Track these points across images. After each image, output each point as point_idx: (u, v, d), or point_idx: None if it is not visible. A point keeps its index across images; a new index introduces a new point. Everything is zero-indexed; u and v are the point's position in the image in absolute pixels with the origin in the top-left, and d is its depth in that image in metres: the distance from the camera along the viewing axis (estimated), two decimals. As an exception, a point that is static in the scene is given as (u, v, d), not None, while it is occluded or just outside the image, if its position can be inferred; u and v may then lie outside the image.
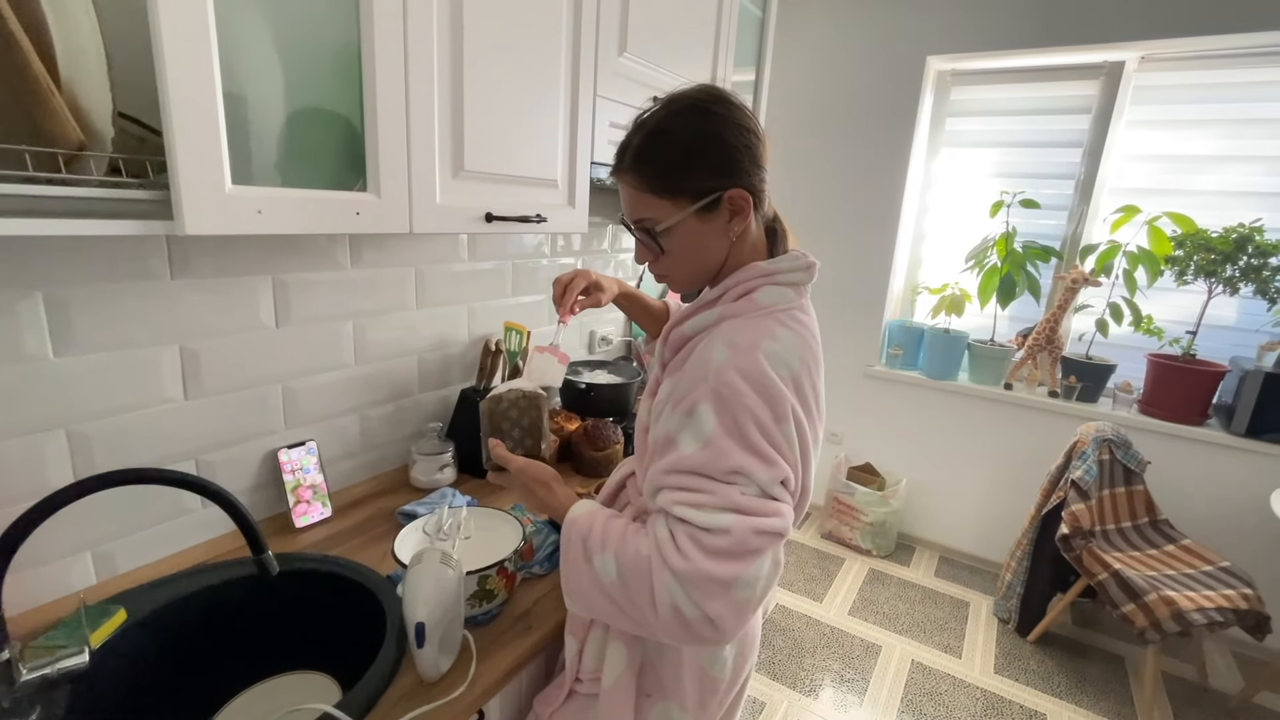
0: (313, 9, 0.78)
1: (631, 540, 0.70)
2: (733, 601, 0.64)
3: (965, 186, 2.68)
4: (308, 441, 1.18)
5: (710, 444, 0.67)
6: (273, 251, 1.07)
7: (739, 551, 0.64)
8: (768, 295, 0.75)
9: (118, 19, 0.67)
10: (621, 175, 0.78)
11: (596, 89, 1.21)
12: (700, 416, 0.68)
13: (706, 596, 0.64)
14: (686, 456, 0.68)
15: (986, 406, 2.62)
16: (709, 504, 0.66)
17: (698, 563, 0.64)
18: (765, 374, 0.68)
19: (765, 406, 0.67)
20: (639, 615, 0.68)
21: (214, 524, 1.06)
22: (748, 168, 0.74)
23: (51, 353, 0.84)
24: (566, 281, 1.03)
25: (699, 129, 0.73)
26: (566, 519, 0.77)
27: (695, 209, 0.74)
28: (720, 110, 0.74)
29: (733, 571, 0.64)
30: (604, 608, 0.72)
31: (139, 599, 0.87)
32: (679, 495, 0.68)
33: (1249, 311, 2.26)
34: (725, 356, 0.69)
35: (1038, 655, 2.19)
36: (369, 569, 0.98)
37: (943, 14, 2.45)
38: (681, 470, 0.69)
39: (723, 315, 0.75)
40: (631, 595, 0.68)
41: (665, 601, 0.65)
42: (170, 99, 0.63)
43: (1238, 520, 2.22)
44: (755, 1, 1.76)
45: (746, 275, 0.76)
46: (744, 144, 0.74)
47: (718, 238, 0.77)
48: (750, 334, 0.71)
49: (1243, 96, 2.19)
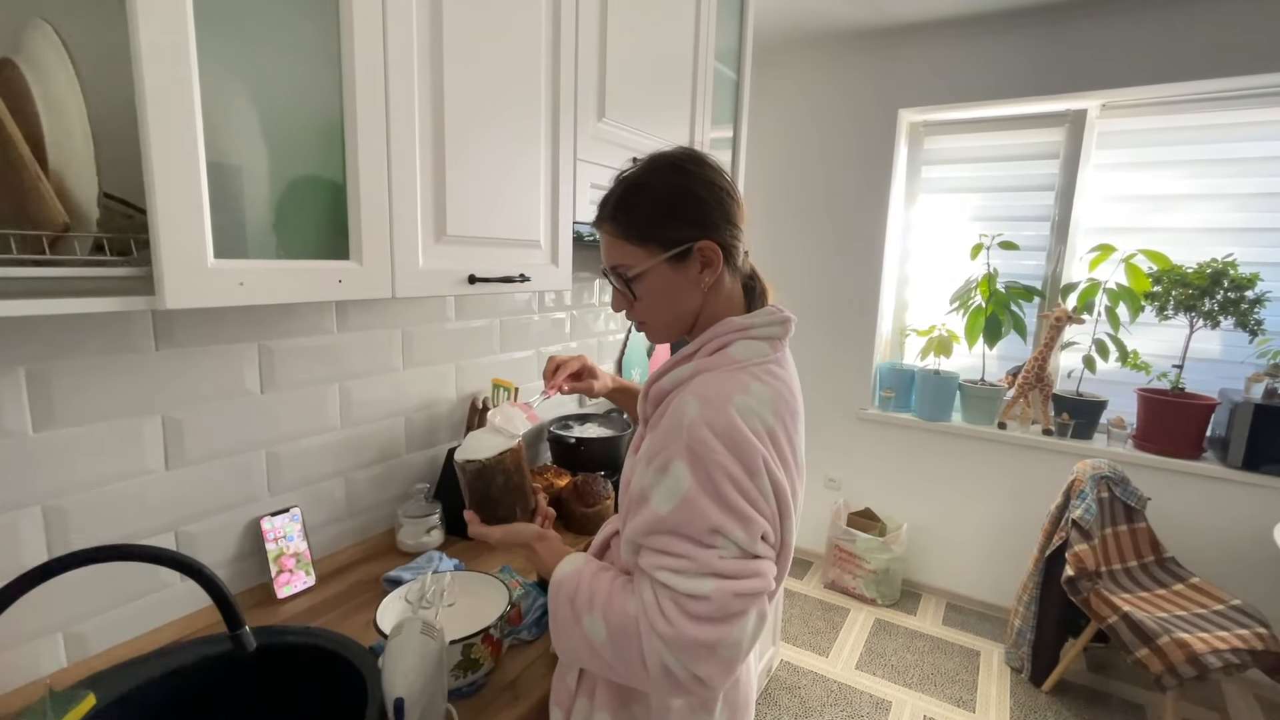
0: (295, 84, 0.81)
1: (618, 601, 0.71)
2: (719, 660, 0.65)
3: (945, 231, 2.75)
4: (292, 508, 1.16)
5: (686, 503, 0.67)
6: (258, 319, 1.08)
7: (720, 616, 0.65)
8: (742, 350, 0.76)
9: (105, 99, 0.69)
10: (601, 225, 0.81)
11: (577, 153, 1.25)
12: (674, 474, 0.68)
13: (693, 660, 0.65)
14: (663, 517, 0.68)
15: (981, 446, 2.61)
16: (689, 570, 0.66)
17: (681, 628, 0.65)
18: (736, 428, 0.68)
19: (737, 462, 0.67)
20: (630, 673, 0.70)
21: (192, 599, 1.04)
22: (718, 222, 0.78)
23: (31, 428, 0.84)
24: (560, 362, 1.07)
25: (674, 184, 0.77)
26: (553, 580, 0.78)
27: (666, 257, 0.77)
28: (694, 169, 0.78)
29: (716, 635, 0.64)
30: (596, 665, 0.73)
31: (109, 682, 0.84)
32: (660, 560, 0.69)
33: (1232, 344, 2.29)
34: (696, 411, 0.69)
35: (1054, 706, 2.11)
36: (352, 640, 0.95)
37: (910, 70, 2.57)
38: (660, 531, 0.69)
39: (697, 370, 0.76)
40: (622, 654, 0.69)
41: (655, 663, 0.67)
42: (155, 179, 0.65)
43: (1243, 555, 2.18)
44: (729, 65, 1.85)
45: (721, 330, 0.78)
46: (715, 200, 0.78)
47: (689, 288, 0.79)
48: (722, 387, 0.71)
49: (1205, 139, 2.28)
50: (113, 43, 0.66)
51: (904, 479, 2.80)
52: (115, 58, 0.66)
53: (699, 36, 1.60)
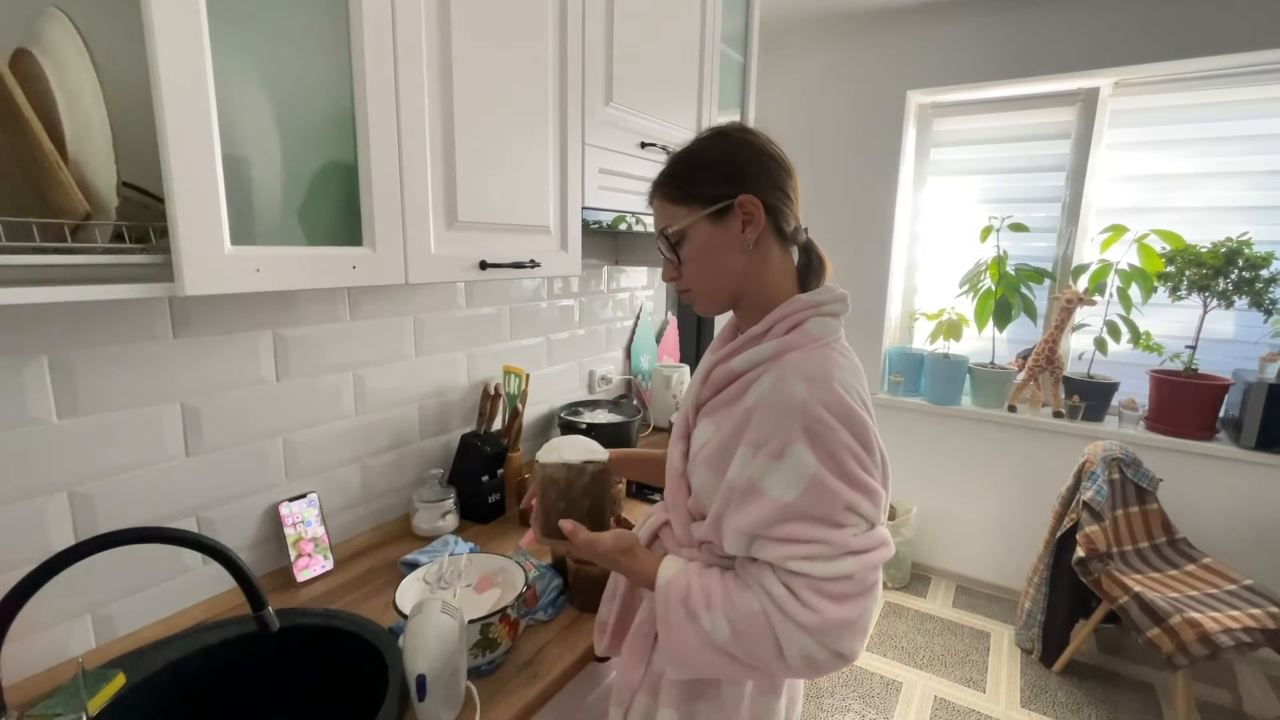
0: (308, 74, 0.81)
1: (738, 598, 0.70)
2: (859, 631, 0.67)
3: (954, 213, 2.73)
4: (309, 494, 1.18)
5: (815, 485, 0.66)
6: (273, 306, 1.09)
7: (861, 591, 0.67)
8: (819, 326, 0.76)
9: (122, 90, 0.70)
10: (652, 196, 0.84)
11: (585, 138, 1.25)
12: (795, 458, 0.67)
13: (838, 640, 0.66)
14: (790, 504, 0.67)
15: (992, 430, 2.60)
16: (825, 554, 0.66)
17: (826, 613, 0.65)
18: (846, 404, 0.68)
19: (854, 437, 0.68)
20: (762, 665, 0.70)
21: (215, 581, 1.06)
22: (758, 179, 0.77)
23: (56, 416, 0.86)
24: None
25: (716, 145, 0.80)
26: (659, 583, 0.75)
27: (707, 213, 0.77)
28: (738, 135, 0.81)
29: (859, 610, 0.67)
30: (715, 663, 0.72)
31: (138, 662, 0.86)
32: (790, 549, 0.67)
33: (1246, 324, 2.27)
34: (805, 391, 0.68)
35: (1065, 686, 2.12)
36: (371, 622, 0.97)
37: (918, 51, 2.54)
38: (788, 519, 0.67)
39: (780, 348, 0.74)
40: (752, 650, 0.69)
41: (795, 654, 0.67)
42: (172, 168, 0.66)
43: (1256, 536, 2.18)
44: (736, 48, 1.83)
45: (794, 307, 0.76)
46: (758, 161, 0.79)
47: (732, 248, 0.78)
48: (821, 365, 0.71)
49: (1218, 116, 2.24)
50: (128, 32, 0.67)
51: (914, 463, 2.80)
52: (131, 47, 0.66)
53: (705, 20, 1.59)
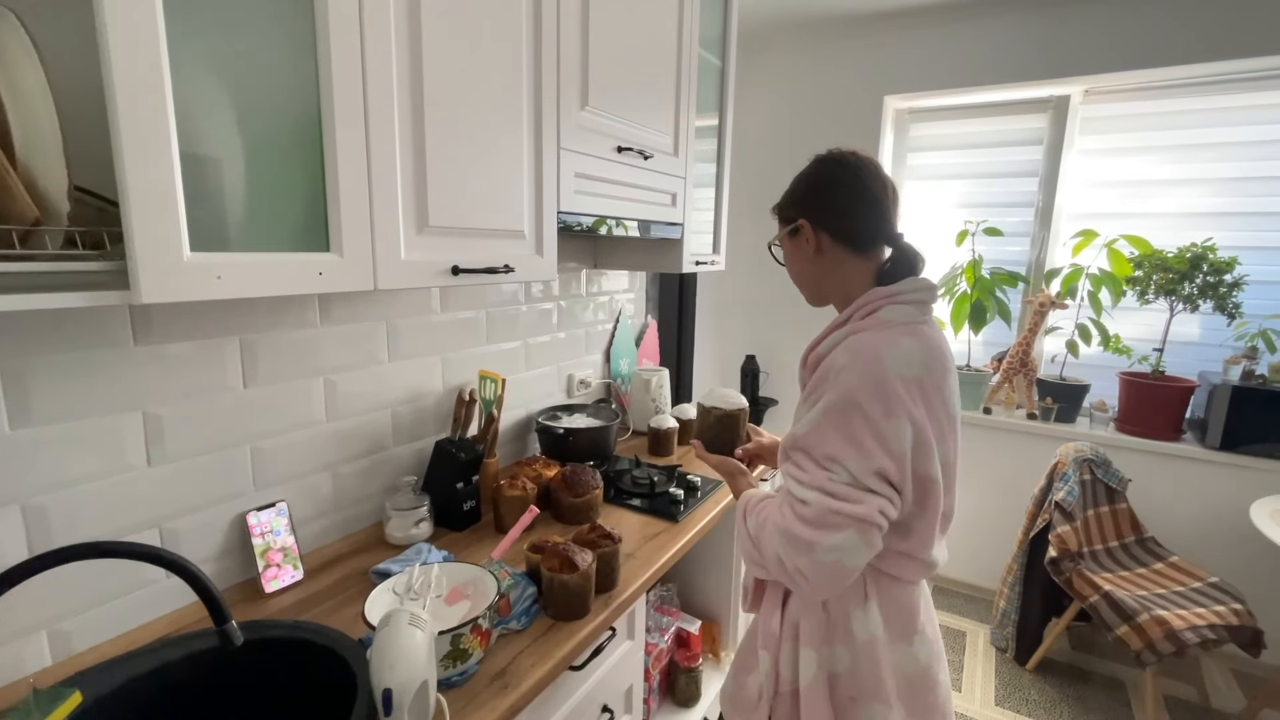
0: (270, 71, 0.79)
1: (769, 506, 0.88)
2: (815, 562, 0.78)
3: (931, 217, 2.76)
4: (278, 502, 1.15)
5: (816, 429, 0.82)
6: (240, 311, 1.07)
7: (816, 522, 0.78)
8: (891, 313, 0.88)
9: (75, 93, 0.68)
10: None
11: (560, 141, 1.24)
12: (818, 407, 0.83)
13: (794, 552, 0.79)
14: (798, 437, 0.84)
15: (967, 431, 2.64)
16: (804, 480, 0.81)
17: (788, 523, 0.80)
18: (882, 374, 0.80)
19: (876, 402, 0.79)
20: (765, 564, 0.85)
21: (179, 594, 1.03)
22: (816, 206, 0.94)
23: (7, 426, 0.83)
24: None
25: (801, 174, 0.98)
26: (740, 499, 0.97)
27: (785, 231, 0.99)
28: (819, 164, 0.96)
29: (811, 536, 0.77)
30: (751, 554, 0.89)
31: (95, 679, 0.83)
32: (789, 469, 0.85)
33: (1211, 327, 2.32)
34: (846, 359, 0.82)
35: (1038, 684, 2.16)
36: (340, 634, 0.95)
37: (896, 56, 2.57)
38: (794, 448, 0.85)
39: (850, 331, 0.88)
40: (760, 547, 0.86)
41: (770, 550, 0.83)
42: (126, 169, 0.64)
43: (1221, 534, 2.23)
44: (714, 52, 1.83)
45: (870, 298, 0.90)
46: (820, 188, 0.94)
47: (803, 260, 0.97)
48: (872, 343, 0.83)
49: (1186, 124, 2.30)
50: (81, 31, 0.65)
51: (891, 464, 2.82)
52: (83, 47, 0.64)
53: (683, 23, 1.59)
